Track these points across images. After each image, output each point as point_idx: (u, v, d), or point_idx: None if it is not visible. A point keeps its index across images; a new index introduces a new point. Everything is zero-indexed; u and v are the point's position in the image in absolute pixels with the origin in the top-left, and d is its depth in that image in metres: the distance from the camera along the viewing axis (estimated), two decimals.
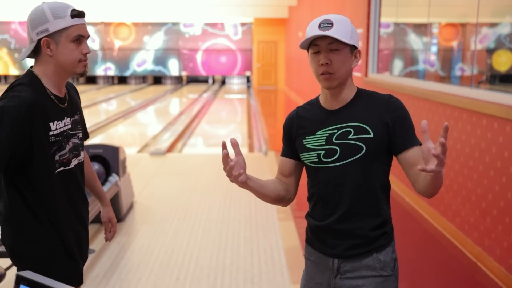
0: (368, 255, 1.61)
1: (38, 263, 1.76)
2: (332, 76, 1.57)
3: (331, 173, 1.62)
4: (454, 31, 5.58)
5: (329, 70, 1.56)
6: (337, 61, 1.56)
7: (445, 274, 3.47)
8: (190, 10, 17.78)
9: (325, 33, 1.53)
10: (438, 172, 1.37)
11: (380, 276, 1.62)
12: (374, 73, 6.70)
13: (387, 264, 1.63)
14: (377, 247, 1.62)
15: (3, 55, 20.80)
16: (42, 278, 0.86)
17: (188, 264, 3.54)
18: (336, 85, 1.59)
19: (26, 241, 1.75)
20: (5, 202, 1.72)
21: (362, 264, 1.61)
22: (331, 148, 1.61)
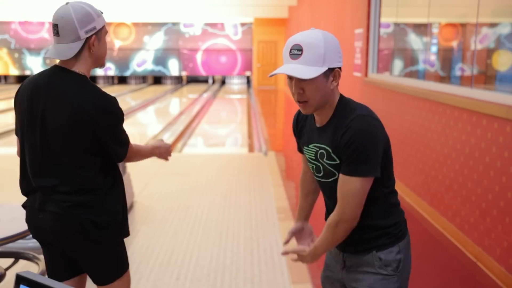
0: (368, 252, 1.64)
1: (118, 227, 2.00)
2: (306, 104, 1.56)
3: (322, 187, 1.72)
4: (454, 31, 5.58)
5: (302, 98, 1.54)
6: (310, 90, 1.52)
7: (445, 274, 3.47)
8: (190, 10, 17.78)
9: (291, 73, 1.48)
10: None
11: (378, 274, 1.64)
12: (374, 73, 6.69)
13: (388, 263, 1.63)
14: (378, 245, 1.64)
15: (3, 55, 20.80)
16: (42, 278, 0.86)
17: (188, 264, 3.54)
18: (313, 111, 1.59)
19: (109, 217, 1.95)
20: (94, 187, 1.90)
21: (363, 260, 1.66)
22: (318, 165, 1.66)
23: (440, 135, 4.28)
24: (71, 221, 1.88)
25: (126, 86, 20.39)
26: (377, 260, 1.64)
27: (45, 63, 20.85)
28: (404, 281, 1.69)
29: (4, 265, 2.84)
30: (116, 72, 21.03)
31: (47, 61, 20.82)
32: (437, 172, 4.33)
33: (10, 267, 2.87)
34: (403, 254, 1.67)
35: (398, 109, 5.34)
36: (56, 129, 1.84)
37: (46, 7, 17.42)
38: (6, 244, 2.44)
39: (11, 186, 5.47)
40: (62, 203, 1.87)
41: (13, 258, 2.94)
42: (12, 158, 2.99)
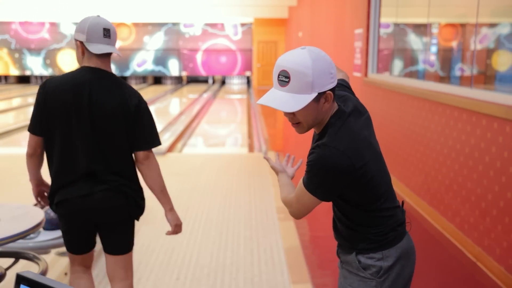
0: (351, 252, 1.69)
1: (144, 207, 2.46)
2: (300, 125, 1.58)
3: None
4: (454, 31, 5.58)
5: (295, 121, 1.56)
6: (301, 115, 1.53)
7: (445, 274, 3.47)
8: (190, 10, 17.78)
9: (278, 107, 1.47)
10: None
11: (357, 275, 1.68)
12: (374, 73, 6.70)
13: (366, 267, 1.65)
14: (359, 249, 1.67)
15: (3, 55, 20.80)
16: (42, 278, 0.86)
17: (188, 264, 3.55)
18: (307, 130, 1.61)
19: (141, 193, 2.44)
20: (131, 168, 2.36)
21: (347, 258, 1.72)
22: None
23: (440, 135, 4.28)
24: (120, 197, 2.28)
25: None
26: (355, 262, 1.68)
27: (45, 63, 20.85)
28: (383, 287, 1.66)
29: (4, 265, 2.84)
30: (116, 72, 21.02)
31: (47, 61, 20.82)
32: (437, 172, 4.34)
33: (10, 267, 2.87)
34: (389, 263, 1.64)
35: (398, 109, 5.34)
36: (104, 118, 2.19)
37: (46, 7, 17.45)
38: (6, 244, 2.44)
39: (11, 186, 5.49)
40: (113, 183, 2.25)
41: (13, 258, 2.95)
42: (12, 158, 2.98)
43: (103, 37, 2.18)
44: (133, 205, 2.35)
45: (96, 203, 2.24)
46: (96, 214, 2.28)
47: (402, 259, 1.67)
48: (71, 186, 2.23)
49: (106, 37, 2.19)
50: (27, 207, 2.81)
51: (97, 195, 2.24)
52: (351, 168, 1.52)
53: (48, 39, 20.72)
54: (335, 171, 1.52)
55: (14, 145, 8.71)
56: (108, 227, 2.36)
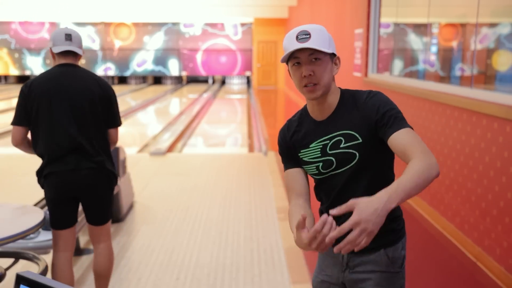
0: (376, 250, 1.62)
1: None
2: (316, 87, 1.57)
3: (333, 181, 1.64)
4: (454, 31, 5.58)
5: (312, 81, 1.56)
6: (320, 71, 1.55)
7: (445, 274, 3.47)
8: (190, 10, 17.79)
9: (305, 45, 1.51)
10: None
11: (387, 272, 1.63)
12: (374, 73, 6.70)
13: (396, 260, 1.64)
14: (386, 243, 1.62)
15: (3, 55, 20.81)
16: (42, 278, 0.86)
17: (188, 264, 3.55)
18: (321, 94, 1.58)
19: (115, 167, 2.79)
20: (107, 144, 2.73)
21: (370, 259, 1.63)
22: (327, 159, 1.62)
23: (440, 135, 4.28)
24: (103, 173, 2.65)
25: (126, 86, 20.39)
26: (385, 258, 1.62)
27: (45, 63, 20.85)
28: (404, 276, 1.70)
29: (4, 265, 2.84)
30: (116, 72, 21.03)
31: (47, 61, 20.82)
32: None
33: (10, 267, 2.86)
34: (405, 250, 1.69)
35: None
36: (79, 100, 2.58)
37: (46, 7, 17.44)
38: (6, 244, 2.43)
39: (11, 186, 5.49)
40: (98, 161, 2.61)
41: (13, 258, 2.94)
42: (12, 158, 2.98)
43: (65, 40, 2.62)
44: (113, 180, 2.74)
45: (82, 178, 2.60)
46: (80, 189, 2.62)
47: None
48: (59, 161, 2.57)
49: (67, 40, 2.62)
50: (27, 207, 2.81)
51: (83, 172, 2.59)
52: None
53: (48, 39, 20.68)
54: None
55: None
56: (91, 201, 2.70)
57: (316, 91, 1.57)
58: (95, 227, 2.79)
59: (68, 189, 2.62)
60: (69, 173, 2.58)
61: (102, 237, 2.82)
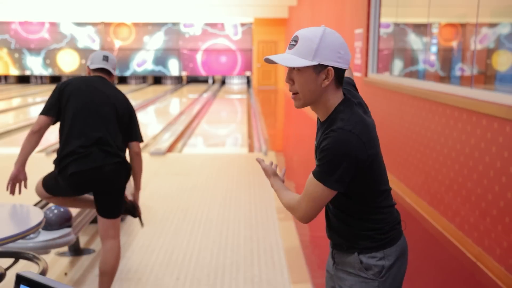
0: (351, 252, 1.65)
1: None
2: (297, 96, 1.56)
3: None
4: (454, 31, 5.58)
5: (292, 90, 1.56)
6: (298, 82, 1.53)
7: (445, 274, 3.47)
8: (190, 10, 17.79)
9: (276, 60, 1.51)
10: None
11: (358, 276, 1.64)
12: (374, 73, 6.70)
13: (369, 267, 1.62)
14: (360, 248, 1.63)
15: (3, 55, 20.80)
16: (42, 278, 0.86)
17: (188, 264, 3.55)
18: (302, 105, 1.57)
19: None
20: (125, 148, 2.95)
21: (347, 260, 1.67)
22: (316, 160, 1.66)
23: (440, 135, 4.28)
24: (124, 167, 2.86)
25: (126, 86, 20.39)
26: (357, 262, 1.63)
27: (45, 63, 20.85)
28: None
29: (4, 265, 2.84)
30: (116, 72, 20.97)
31: (47, 61, 20.82)
32: (437, 172, 4.34)
33: (10, 267, 2.86)
34: (390, 261, 1.63)
35: (398, 109, 5.34)
36: (106, 105, 2.86)
37: (46, 7, 17.45)
38: (6, 244, 2.43)
39: None
40: (120, 156, 2.82)
41: (13, 258, 2.94)
42: (13, 158, 2.99)
43: (102, 60, 2.97)
44: (128, 177, 2.94)
45: (105, 173, 2.76)
46: (101, 184, 2.79)
47: (401, 257, 1.68)
48: (84, 158, 2.72)
49: (104, 60, 2.97)
50: (27, 207, 2.81)
51: (107, 167, 2.76)
52: (365, 154, 1.51)
53: (48, 39, 20.71)
54: (351, 155, 1.49)
55: (14, 145, 8.70)
56: (110, 193, 2.85)
57: (296, 100, 1.57)
58: (107, 220, 2.88)
59: (90, 186, 2.82)
60: (94, 171, 2.74)
61: (112, 232, 2.90)
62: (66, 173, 2.74)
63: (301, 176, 1.68)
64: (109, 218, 2.89)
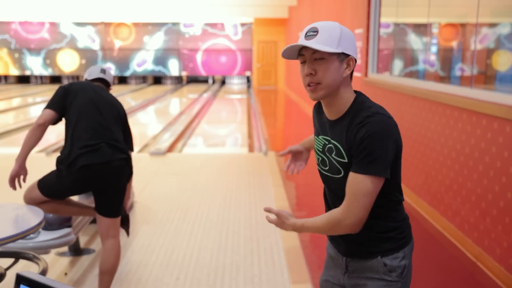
0: (373, 257, 1.60)
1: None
2: (318, 87, 1.51)
3: (327, 180, 1.66)
4: (454, 31, 5.58)
5: (314, 80, 1.51)
6: (322, 71, 1.49)
7: (445, 274, 3.47)
8: (190, 10, 17.79)
9: (304, 43, 1.47)
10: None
11: (383, 280, 1.59)
12: (374, 73, 6.70)
13: (393, 269, 1.59)
14: (383, 250, 1.59)
15: (3, 55, 20.80)
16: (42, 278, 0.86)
17: (188, 264, 3.55)
18: (322, 96, 1.53)
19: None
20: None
21: (368, 265, 1.61)
22: (324, 158, 1.63)
23: (440, 135, 4.28)
24: (129, 163, 2.94)
25: (126, 86, 20.39)
26: (382, 265, 1.59)
27: (45, 63, 20.84)
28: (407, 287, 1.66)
29: (4, 265, 2.84)
30: (116, 72, 21.03)
31: (47, 61, 20.82)
32: (437, 172, 4.34)
33: (10, 267, 2.86)
34: (408, 260, 1.63)
35: (398, 109, 5.34)
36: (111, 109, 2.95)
37: (46, 7, 17.44)
38: (6, 244, 2.43)
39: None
40: (126, 152, 2.90)
41: (13, 258, 2.94)
42: (13, 158, 2.99)
43: (99, 72, 3.09)
44: (131, 175, 3.01)
45: (113, 170, 2.80)
46: (109, 178, 2.82)
47: (412, 254, 1.68)
48: (95, 151, 2.75)
49: (101, 73, 3.09)
50: (27, 207, 2.81)
51: (115, 163, 2.81)
52: (400, 139, 1.53)
53: (48, 39, 20.71)
54: (393, 139, 1.48)
55: (14, 145, 8.70)
56: (113, 192, 2.88)
57: (317, 91, 1.52)
58: (107, 219, 2.90)
59: (97, 182, 2.82)
60: (102, 166, 2.76)
61: (112, 231, 2.92)
62: (75, 166, 2.73)
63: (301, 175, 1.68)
64: (110, 217, 2.90)
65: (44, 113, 2.81)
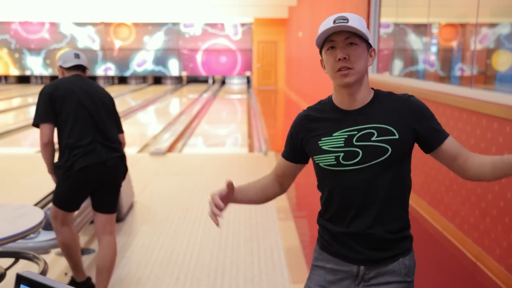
0: (395, 259, 1.55)
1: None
2: (350, 72, 1.49)
3: (355, 177, 1.52)
4: (454, 31, 5.58)
5: (347, 64, 1.49)
6: (355, 56, 1.50)
7: (445, 274, 3.47)
8: (190, 10, 17.78)
9: (342, 26, 1.48)
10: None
11: (404, 282, 1.56)
12: (374, 73, 6.70)
13: (411, 269, 1.58)
14: (403, 251, 1.57)
15: (3, 55, 20.80)
16: (42, 278, 0.86)
17: (188, 264, 3.55)
18: (354, 80, 1.51)
19: None
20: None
21: (388, 269, 1.55)
22: (351, 150, 1.51)
23: None
24: (123, 161, 3.00)
25: (126, 86, 20.39)
26: (403, 267, 1.55)
27: (45, 63, 20.85)
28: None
29: (4, 265, 2.84)
30: (116, 72, 21.03)
31: (47, 61, 20.82)
32: (437, 172, 4.34)
33: (10, 267, 2.86)
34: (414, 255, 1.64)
35: None
36: (97, 101, 2.94)
37: (46, 7, 17.44)
38: (6, 244, 2.44)
39: (11, 186, 5.49)
40: (120, 150, 2.96)
41: (13, 258, 2.94)
42: (12, 158, 2.98)
43: (74, 58, 3.02)
44: (126, 173, 3.06)
45: (109, 169, 2.88)
46: (104, 179, 2.90)
47: None
48: (90, 153, 2.82)
49: (76, 58, 3.01)
50: (27, 207, 2.81)
51: (110, 162, 2.88)
52: None
53: (48, 39, 20.71)
54: None
55: (14, 145, 8.71)
56: (109, 189, 2.96)
57: (350, 75, 1.50)
58: (104, 215, 2.97)
59: (94, 182, 2.89)
60: (99, 166, 2.85)
61: (109, 228, 2.98)
62: (73, 170, 2.81)
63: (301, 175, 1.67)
64: (106, 213, 2.97)
65: (44, 130, 2.83)
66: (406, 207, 1.59)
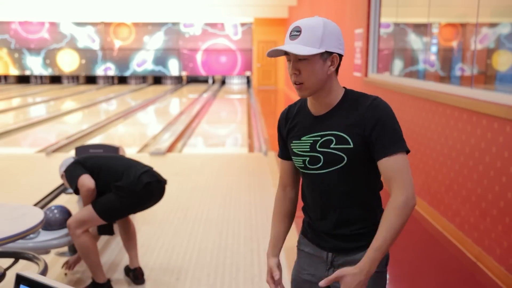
0: (362, 249, 1.58)
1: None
2: (302, 86, 1.54)
3: (317, 180, 1.61)
4: (454, 31, 5.58)
5: (298, 80, 1.53)
6: (305, 71, 1.51)
7: (445, 274, 3.47)
8: (190, 10, 17.79)
9: (285, 48, 1.49)
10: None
11: (376, 272, 1.57)
12: (374, 73, 6.70)
13: (382, 259, 1.58)
14: (370, 243, 1.57)
15: (3, 55, 20.81)
16: (42, 278, 0.86)
17: (188, 264, 3.55)
18: (308, 94, 1.56)
19: None
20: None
21: (356, 258, 1.58)
22: (315, 155, 1.59)
23: (440, 135, 4.28)
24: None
25: (126, 86, 20.39)
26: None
27: (45, 63, 20.85)
28: (386, 276, 1.68)
29: (4, 265, 2.84)
30: (116, 72, 21.03)
31: (47, 61, 20.82)
32: (437, 172, 4.34)
33: (10, 267, 2.86)
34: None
35: (398, 109, 5.34)
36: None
37: (46, 7, 17.44)
38: (6, 244, 2.43)
39: (11, 186, 5.49)
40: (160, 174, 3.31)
41: (13, 258, 2.94)
42: (12, 158, 2.99)
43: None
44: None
45: (163, 188, 3.26)
46: (160, 195, 3.27)
47: None
48: (149, 172, 3.18)
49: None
50: (27, 207, 2.81)
51: (162, 183, 3.26)
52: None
53: (48, 39, 20.71)
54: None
55: (14, 145, 8.71)
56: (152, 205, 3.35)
57: (302, 90, 1.55)
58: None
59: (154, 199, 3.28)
60: (158, 183, 3.24)
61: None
62: (141, 184, 3.10)
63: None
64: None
65: (84, 180, 3.05)
66: (372, 208, 1.62)
